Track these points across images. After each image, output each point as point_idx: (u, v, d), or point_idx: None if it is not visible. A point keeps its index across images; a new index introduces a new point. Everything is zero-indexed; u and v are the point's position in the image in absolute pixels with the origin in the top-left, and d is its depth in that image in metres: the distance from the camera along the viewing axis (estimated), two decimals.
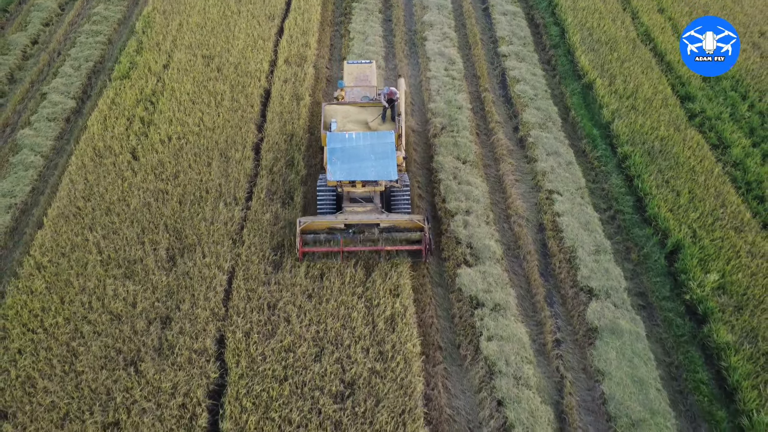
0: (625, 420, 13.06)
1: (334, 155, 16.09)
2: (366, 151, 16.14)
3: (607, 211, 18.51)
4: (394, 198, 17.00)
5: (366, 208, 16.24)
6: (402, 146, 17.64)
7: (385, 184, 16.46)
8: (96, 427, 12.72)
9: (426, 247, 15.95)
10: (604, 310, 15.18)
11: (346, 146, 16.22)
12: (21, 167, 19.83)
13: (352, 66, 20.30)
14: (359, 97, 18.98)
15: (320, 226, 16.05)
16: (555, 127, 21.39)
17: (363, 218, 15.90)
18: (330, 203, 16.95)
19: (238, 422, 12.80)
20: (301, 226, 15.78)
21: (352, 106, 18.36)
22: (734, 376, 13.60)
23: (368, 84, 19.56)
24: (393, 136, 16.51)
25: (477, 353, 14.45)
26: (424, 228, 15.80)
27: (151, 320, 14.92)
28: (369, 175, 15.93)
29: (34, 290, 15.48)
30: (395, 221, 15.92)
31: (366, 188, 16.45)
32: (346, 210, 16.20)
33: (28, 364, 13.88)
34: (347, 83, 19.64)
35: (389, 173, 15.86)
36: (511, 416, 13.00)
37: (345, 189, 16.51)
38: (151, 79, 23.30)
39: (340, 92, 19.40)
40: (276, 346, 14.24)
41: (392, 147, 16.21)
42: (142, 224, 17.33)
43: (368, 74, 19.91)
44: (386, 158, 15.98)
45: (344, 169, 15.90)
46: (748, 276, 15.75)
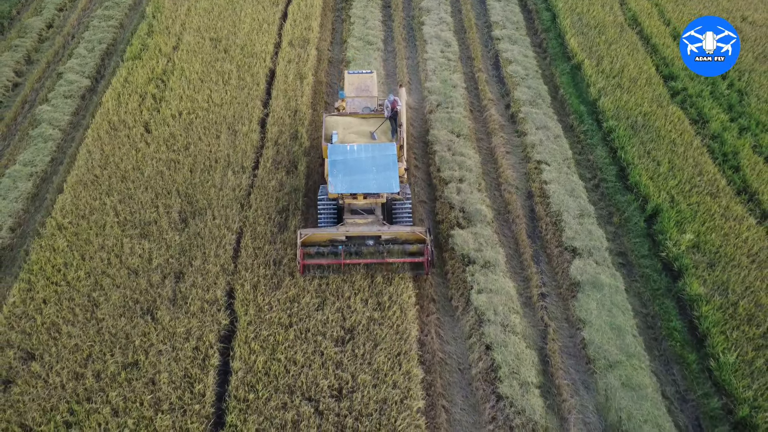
0: (603, 362, 13.97)
1: (336, 167, 15.63)
2: (367, 164, 15.70)
3: (591, 180, 19.40)
4: (395, 209, 16.65)
5: (367, 219, 15.90)
6: (403, 157, 17.15)
7: (386, 195, 16.12)
8: (117, 367, 13.63)
9: (428, 260, 15.49)
10: (586, 267, 16.08)
11: (348, 158, 15.76)
12: (40, 139, 20.70)
13: (353, 76, 19.58)
14: (360, 107, 18.61)
15: (321, 238, 15.54)
16: (544, 104, 22.25)
17: (364, 230, 15.49)
18: (331, 215, 16.57)
19: (247, 362, 13.72)
20: (302, 238, 15.25)
21: (353, 118, 17.97)
22: (704, 324, 14.50)
23: (369, 94, 18.99)
24: (395, 147, 16.05)
25: (468, 304, 15.36)
26: (426, 240, 15.32)
27: (166, 275, 15.82)
28: (371, 187, 15.49)
29: (56, 248, 16.38)
30: (397, 233, 15.49)
31: (367, 200, 16.04)
32: (347, 222, 15.83)
33: (53, 312, 14.79)
34: (348, 93, 19.01)
35: (391, 186, 15.44)
36: (498, 358, 13.90)
37: (346, 201, 16.10)
38: (161, 59, 24.15)
39: (341, 103, 19.00)
40: (281, 297, 15.15)
41: (394, 159, 15.77)
42: (156, 190, 18.22)
43: (369, 84, 19.26)
44: (388, 170, 15.57)
45: (345, 181, 15.47)
46: (721, 236, 16.63)
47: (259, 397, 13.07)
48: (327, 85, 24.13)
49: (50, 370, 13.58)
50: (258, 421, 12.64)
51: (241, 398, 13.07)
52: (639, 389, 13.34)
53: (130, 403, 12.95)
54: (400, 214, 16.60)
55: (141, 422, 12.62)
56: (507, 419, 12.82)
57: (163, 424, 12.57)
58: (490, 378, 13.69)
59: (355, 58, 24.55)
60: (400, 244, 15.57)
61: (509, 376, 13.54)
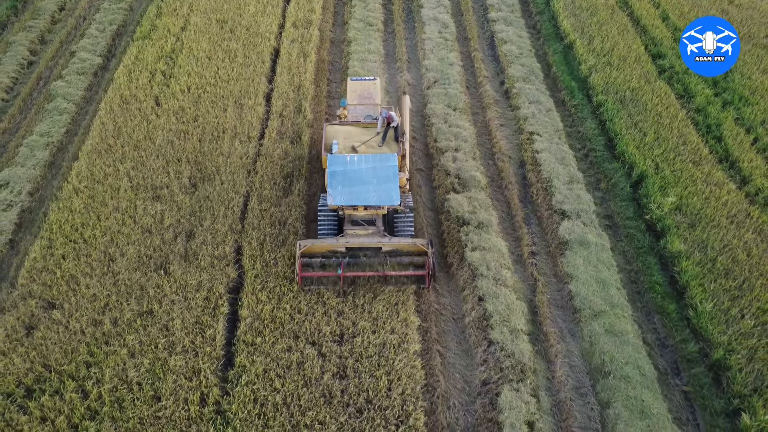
0: (588, 312, 14.67)
1: (335, 179, 15.10)
2: (368, 175, 15.16)
3: (581, 150, 20.06)
4: (397, 220, 16.14)
5: (368, 231, 15.39)
6: (406, 167, 16.54)
7: (387, 206, 15.60)
8: (133, 314, 14.33)
9: (429, 273, 14.90)
10: (574, 228, 16.76)
11: (348, 169, 15.22)
12: (56, 112, 21.36)
13: (356, 83, 18.62)
14: (362, 115, 17.85)
15: (320, 250, 15.07)
16: (537, 81, 22.90)
17: (365, 242, 15.00)
18: (331, 226, 16.03)
19: (255, 311, 14.42)
20: (301, 249, 14.79)
21: (354, 127, 17.28)
22: (684, 277, 15.19)
23: (372, 102, 18.07)
24: (396, 158, 15.45)
25: (462, 261, 16.04)
26: (428, 252, 14.83)
27: (177, 233, 16.51)
28: (371, 199, 14.98)
29: (74, 209, 17.07)
30: (398, 245, 15.01)
31: (368, 211, 15.51)
32: (347, 233, 15.32)
33: (71, 266, 15.49)
34: (350, 101, 18.14)
35: (391, 198, 14.94)
36: (490, 308, 14.60)
37: (346, 212, 15.58)
38: (170, 39, 24.78)
39: (342, 111, 18.26)
40: (286, 253, 15.85)
41: (395, 170, 15.21)
42: (167, 157, 18.88)
43: (372, 92, 18.34)
44: (388, 182, 15.04)
45: (345, 193, 14.96)
46: (702, 199, 17.30)
47: (265, 341, 13.79)
48: (329, 63, 24.77)
49: (70, 317, 14.29)
50: (265, 362, 13.36)
51: (249, 342, 13.78)
52: (621, 335, 14.04)
53: (145, 346, 13.67)
54: (401, 225, 16.08)
55: (156, 363, 13.33)
56: (497, 362, 13.52)
57: (176, 364, 13.29)
58: (482, 326, 14.39)
59: (356, 38, 25.17)
60: (401, 256, 15.12)
61: (500, 324, 14.23)
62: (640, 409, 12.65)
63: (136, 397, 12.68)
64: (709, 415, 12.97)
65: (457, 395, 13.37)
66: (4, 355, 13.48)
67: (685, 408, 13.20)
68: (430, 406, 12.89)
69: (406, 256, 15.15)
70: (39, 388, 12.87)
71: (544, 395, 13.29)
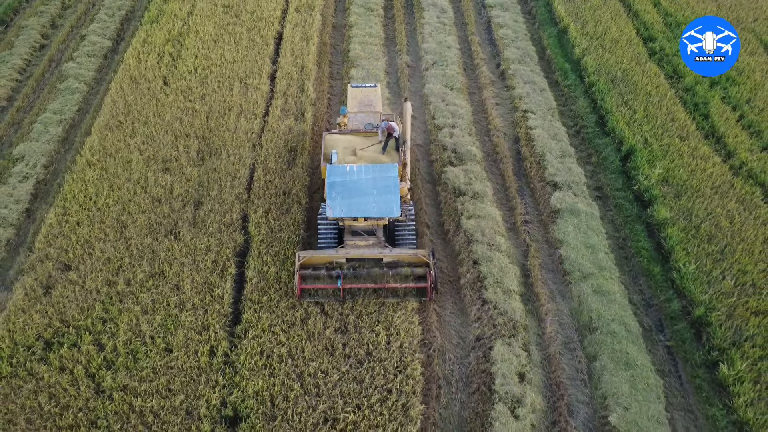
0: (578, 274, 15.24)
1: (334, 190, 14.52)
2: (368, 186, 14.59)
3: (573, 127, 20.59)
4: (398, 231, 15.66)
5: (368, 242, 14.93)
6: (407, 176, 16.02)
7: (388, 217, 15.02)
8: (145, 275, 14.92)
9: (431, 285, 14.36)
10: (565, 198, 17.31)
11: (347, 180, 14.62)
12: (68, 92, 21.91)
13: (356, 90, 18.07)
14: (363, 123, 17.26)
15: (320, 261, 14.62)
16: (532, 63, 23.41)
17: (365, 253, 14.58)
18: (331, 236, 15.54)
19: (260, 272, 15.00)
20: (300, 260, 14.29)
21: (354, 136, 16.66)
22: (670, 242, 15.76)
23: (373, 109, 17.48)
24: (396, 168, 14.84)
25: (458, 228, 16.60)
26: (429, 263, 14.33)
27: (186, 202, 17.07)
28: (371, 211, 14.46)
29: (87, 180, 17.63)
30: (399, 256, 14.56)
31: (368, 222, 15.02)
32: (347, 244, 14.87)
33: (86, 232, 16.07)
34: (350, 108, 17.55)
35: (392, 209, 14.41)
36: (485, 270, 15.16)
37: (346, 222, 15.11)
38: (177, 23, 25.30)
39: (343, 119, 17.66)
40: (290, 220, 16.42)
41: (395, 181, 14.60)
42: (175, 133, 19.44)
43: (373, 99, 17.77)
44: (389, 193, 14.48)
45: (345, 204, 14.41)
46: (688, 172, 17.85)
47: (271, 299, 14.37)
48: (331, 46, 25.28)
49: (85, 278, 14.87)
50: (271, 318, 13.95)
51: (256, 300, 14.36)
52: (608, 295, 14.62)
53: (157, 303, 14.26)
54: (403, 236, 15.63)
55: (168, 318, 13.92)
56: (491, 319, 14.10)
57: (187, 320, 13.88)
58: (477, 287, 14.95)
59: (357, 23, 25.67)
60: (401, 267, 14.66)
61: (494, 285, 14.80)
62: (625, 361, 13.24)
63: (149, 349, 13.29)
64: (690, 367, 13.56)
65: (452, 349, 13.96)
66: (24, 311, 14.07)
67: (667, 361, 13.78)
68: (426, 358, 13.48)
69: (408, 267, 14.66)
70: (57, 341, 13.47)
71: (535, 349, 13.88)
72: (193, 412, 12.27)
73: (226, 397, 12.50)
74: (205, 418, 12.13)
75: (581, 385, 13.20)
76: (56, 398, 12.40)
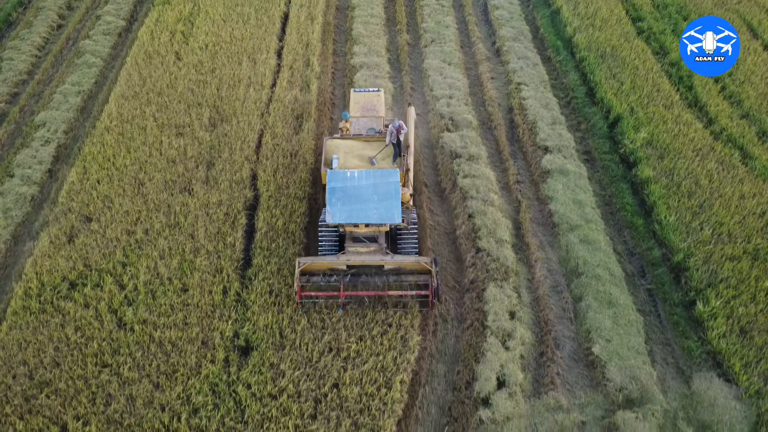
0: (566, 226, 16.01)
1: (334, 196, 13.97)
2: (368, 192, 14.03)
3: (564, 98, 21.35)
4: (400, 238, 15.06)
5: (370, 248, 14.37)
6: (410, 181, 15.46)
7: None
8: (161, 225, 15.72)
9: (432, 294, 13.81)
10: (555, 160, 18.07)
11: (347, 186, 14.06)
12: (85, 66, 22.70)
13: (359, 94, 17.50)
14: (365, 128, 16.70)
15: (320, 267, 14.08)
16: (526, 40, 24.17)
17: (366, 259, 14.08)
18: (332, 243, 14.95)
19: (269, 223, 15.79)
20: (301, 267, 13.70)
21: (356, 141, 15.93)
22: (652, 198, 16.53)
23: (375, 114, 16.94)
24: (398, 175, 14.26)
25: (454, 186, 17.37)
26: (432, 271, 13.70)
27: (199, 163, 17.86)
28: (371, 218, 13.95)
29: (105, 143, 18.43)
30: (401, 263, 14.03)
31: (369, 228, 14.40)
32: (348, 250, 14.28)
33: (106, 188, 16.87)
34: (352, 113, 16.95)
35: (392, 216, 13.88)
36: (479, 222, 15.94)
37: (347, 228, 14.48)
38: (188, 4, 26.06)
39: (344, 124, 16.87)
40: (297, 178, 17.21)
41: (396, 187, 14.05)
42: (188, 102, 20.21)
43: (375, 103, 17.21)
44: (390, 199, 13.91)
45: (345, 210, 13.89)
46: (671, 136, 18.60)
47: (279, 246, 15.17)
48: (334, 26, 26.03)
49: (106, 228, 15.68)
50: (279, 263, 14.74)
51: (265, 248, 15.16)
52: (594, 244, 15.39)
53: (174, 250, 15.06)
54: (405, 242, 15.03)
55: (184, 263, 14.72)
56: (484, 264, 14.88)
57: (202, 264, 14.68)
58: (471, 237, 15.74)
59: (359, 4, 26.40)
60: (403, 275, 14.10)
61: (487, 235, 15.58)
62: (608, 300, 14.02)
63: (166, 289, 14.09)
64: (668, 306, 14.35)
65: (448, 292, 14.75)
66: (50, 257, 14.87)
67: (648, 302, 14.56)
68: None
69: (409, 274, 14.11)
70: (81, 282, 14.28)
71: (525, 292, 14.67)
72: (209, 342, 13.07)
73: (239, 330, 13.32)
74: (220, 347, 12.93)
75: (567, 322, 13.98)
76: (81, 330, 13.21)
